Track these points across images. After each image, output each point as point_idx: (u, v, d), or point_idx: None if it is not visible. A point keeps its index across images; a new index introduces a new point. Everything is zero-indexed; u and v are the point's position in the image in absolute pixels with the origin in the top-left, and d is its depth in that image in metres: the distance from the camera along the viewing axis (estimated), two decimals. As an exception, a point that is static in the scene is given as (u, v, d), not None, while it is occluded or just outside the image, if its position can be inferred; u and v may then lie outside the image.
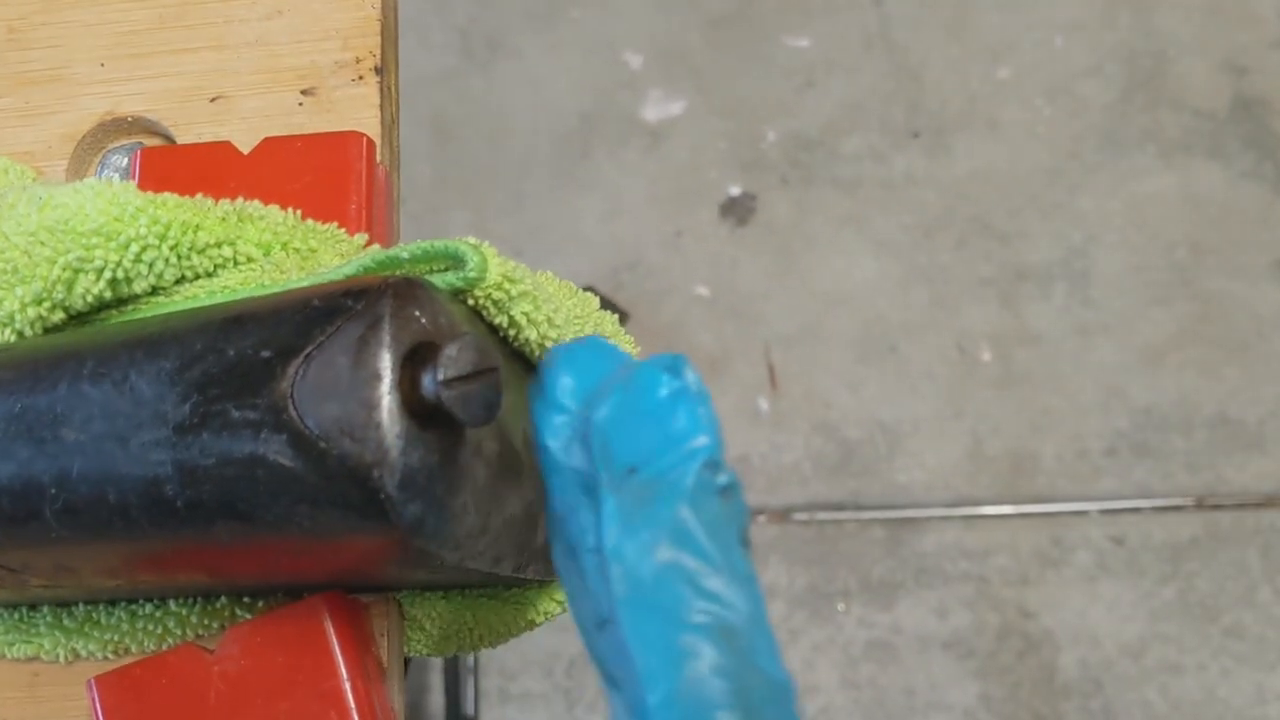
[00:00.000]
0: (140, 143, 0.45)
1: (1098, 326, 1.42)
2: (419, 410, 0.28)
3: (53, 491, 0.31)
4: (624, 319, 1.41)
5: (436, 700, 1.34)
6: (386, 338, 0.28)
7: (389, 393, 0.28)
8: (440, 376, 0.28)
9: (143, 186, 0.40)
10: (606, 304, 0.39)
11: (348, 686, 0.34)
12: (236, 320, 0.31)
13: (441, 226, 1.51)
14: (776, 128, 1.52)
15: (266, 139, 0.41)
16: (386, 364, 0.28)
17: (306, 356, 0.29)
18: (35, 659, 0.40)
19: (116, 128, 0.45)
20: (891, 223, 1.47)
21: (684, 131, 1.53)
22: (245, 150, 0.41)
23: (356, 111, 0.43)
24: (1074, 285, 1.43)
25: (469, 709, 1.31)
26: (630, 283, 1.46)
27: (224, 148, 0.40)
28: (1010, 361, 1.41)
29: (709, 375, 1.43)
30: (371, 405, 0.28)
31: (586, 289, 0.38)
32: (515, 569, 0.34)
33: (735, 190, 1.50)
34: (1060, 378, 1.40)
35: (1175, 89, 1.50)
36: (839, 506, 1.38)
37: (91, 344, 0.33)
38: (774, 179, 1.50)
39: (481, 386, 0.29)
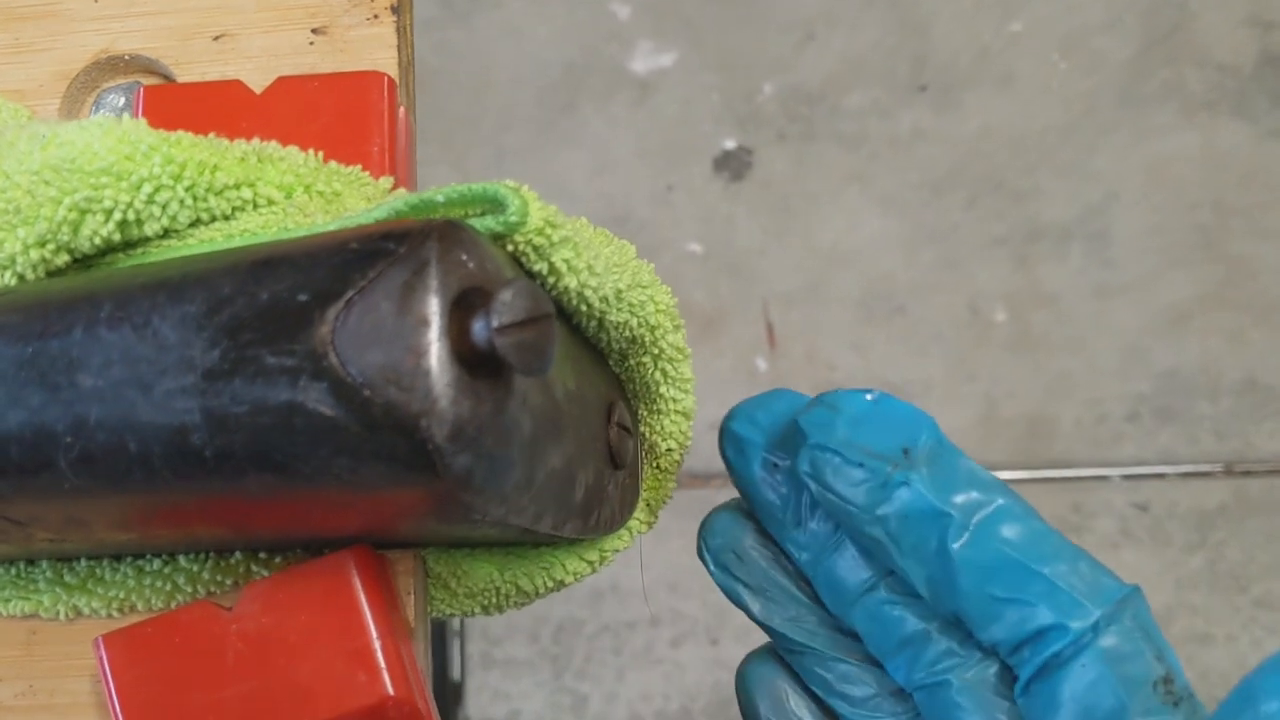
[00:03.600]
0: (138, 82, 0.45)
1: (1117, 288, 1.42)
2: (469, 358, 0.28)
3: (68, 440, 0.31)
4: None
5: (421, 665, 1.34)
6: (434, 282, 0.28)
7: (438, 339, 0.28)
8: (495, 323, 0.28)
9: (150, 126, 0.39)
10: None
11: (378, 645, 0.34)
12: (267, 263, 0.30)
13: (422, 180, 1.50)
14: (774, 82, 1.51)
15: (281, 78, 0.40)
16: (435, 309, 0.28)
17: (348, 302, 0.28)
18: (34, 616, 0.40)
19: (112, 66, 0.45)
20: (898, 180, 1.46)
21: (675, 84, 1.52)
22: (257, 90, 0.40)
23: (372, 52, 0.43)
24: (1091, 246, 1.43)
25: (455, 674, 1.31)
26: (620, 238, 1.45)
27: (235, 86, 0.40)
28: (1025, 323, 1.41)
29: (704, 333, 1.43)
30: (419, 352, 0.28)
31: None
32: (554, 526, 0.34)
33: (730, 144, 1.50)
34: (1078, 340, 1.40)
35: (1198, 44, 1.50)
36: (843, 470, 1.37)
37: (106, 287, 0.32)
38: (771, 134, 1.50)
39: (536, 333, 0.28)
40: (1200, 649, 1.31)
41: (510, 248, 0.33)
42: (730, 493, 0.39)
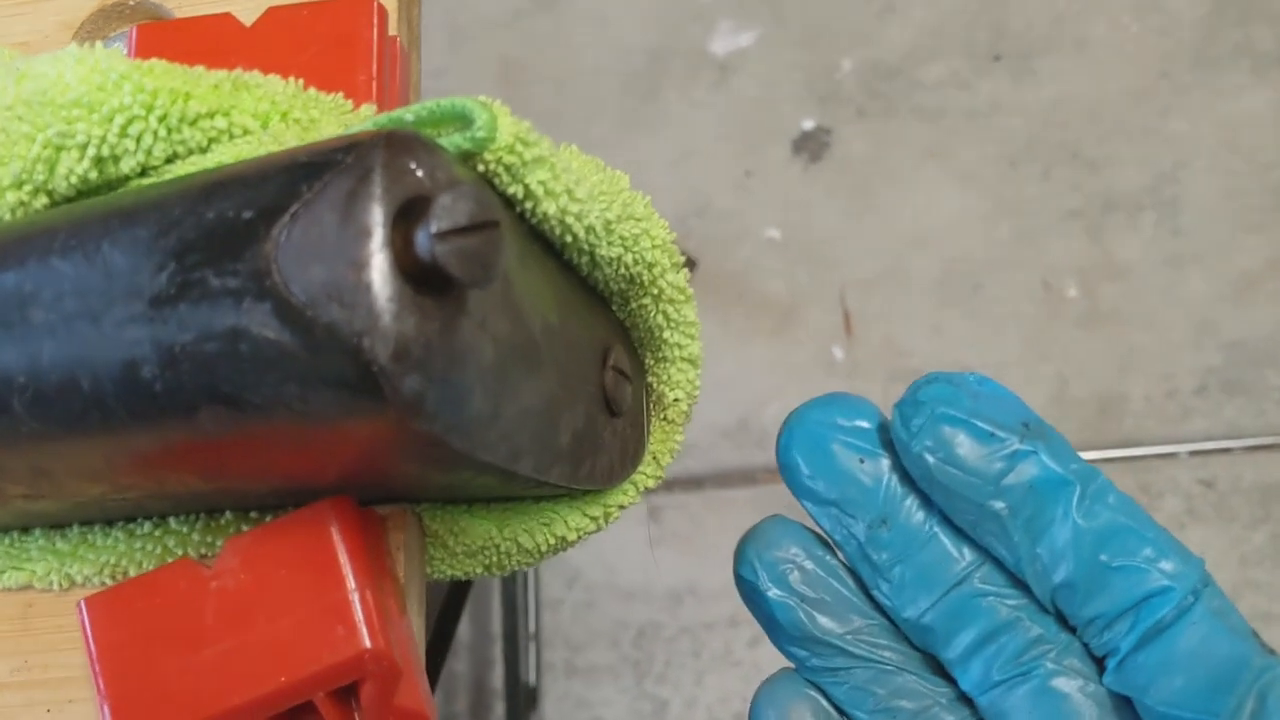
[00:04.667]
0: (143, 28, 0.44)
1: (1188, 256, 1.39)
2: (414, 272, 0.26)
3: (21, 381, 0.30)
4: (693, 266, 1.40)
5: (499, 676, 1.34)
6: (377, 190, 0.26)
7: (379, 250, 0.26)
8: (433, 229, 0.26)
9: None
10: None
11: (355, 599, 0.33)
12: (219, 183, 0.29)
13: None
14: (853, 56, 1.49)
15: (271, 9, 0.39)
16: (377, 219, 0.26)
17: (292, 215, 0.27)
18: (29, 587, 0.39)
19: (117, 13, 0.44)
20: (976, 154, 1.44)
21: (754, 64, 1.51)
22: (248, 22, 0.39)
23: (371, -19, 0.41)
24: (1163, 214, 1.41)
25: (529, 678, 1.30)
26: (699, 229, 1.44)
27: (225, 20, 0.39)
28: (1097, 298, 1.38)
29: (780, 324, 1.41)
30: (360, 265, 0.26)
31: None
32: (536, 469, 0.32)
33: (809, 124, 1.48)
34: (1149, 313, 1.38)
35: (1268, 1, 1.46)
36: (921, 458, 1.35)
37: (65, 217, 0.31)
38: (850, 111, 1.48)
39: (480, 241, 0.26)
40: (1265, 627, 1.26)
41: (481, 168, 0.31)
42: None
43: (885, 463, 0.34)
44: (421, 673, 0.35)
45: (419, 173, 0.27)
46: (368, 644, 0.32)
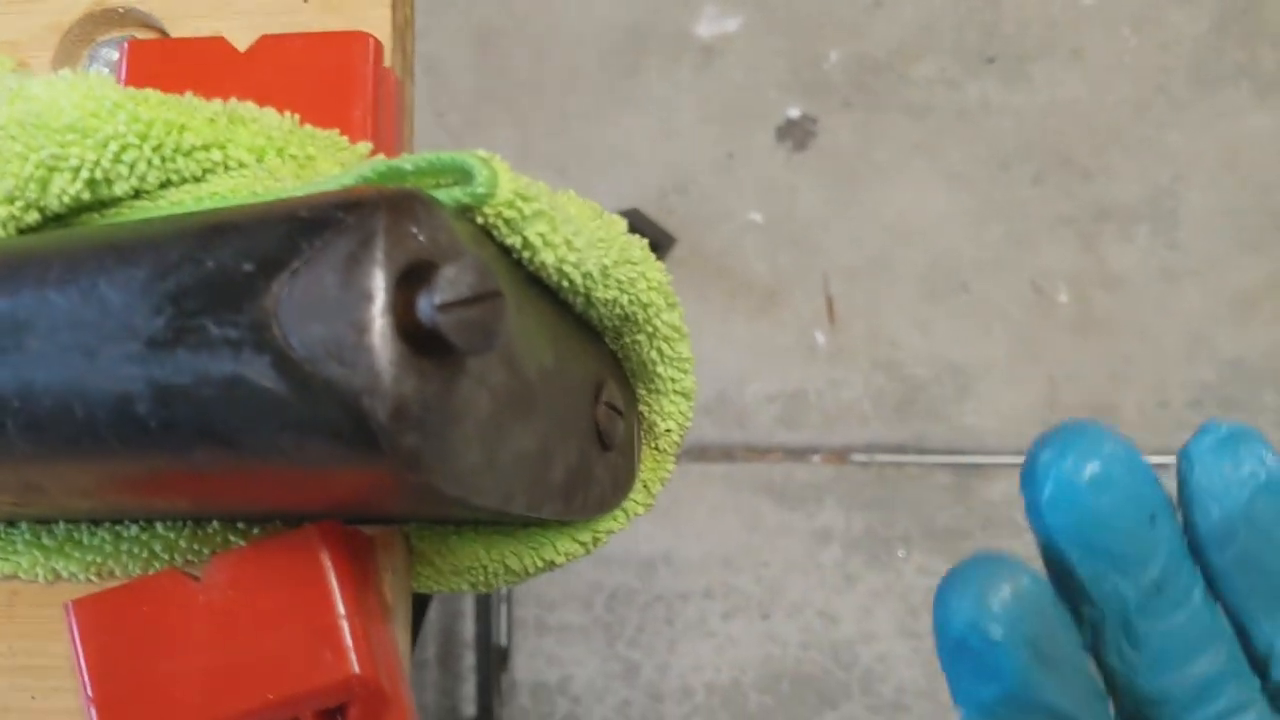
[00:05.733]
0: (133, 35, 0.44)
1: (1184, 271, 1.39)
2: (415, 335, 0.27)
3: (15, 404, 0.30)
4: (672, 244, 1.40)
5: (469, 627, 1.35)
6: (379, 255, 0.27)
7: (381, 315, 0.27)
8: (437, 300, 0.27)
9: (130, 82, 0.39)
10: (654, 227, 0.37)
11: (345, 624, 0.33)
12: (217, 229, 0.29)
13: (483, 142, 1.49)
14: (840, 48, 1.49)
15: (265, 36, 0.39)
16: (379, 283, 0.27)
17: (293, 272, 0.27)
18: (14, 577, 0.40)
19: (106, 19, 0.44)
20: (965, 153, 1.44)
21: (740, 49, 1.51)
22: (241, 48, 0.39)
23: (366, 12, 0.42)
24: (1159, 227, 1.41)
25: (501, 639, 1.31)
26: (680, 206, 1.45)
27: (218, 44, 0.39)
28: (1089, 305, 1.39)
29: (763, 305, 1.42)
30: (362, 328, 0.27)
31: (632, 211, 0.37)
32: (528, 507, 0.33)
33: (794, 112, 1.48)
34: (1143, 324, 1.38)
35: (1274, 22, 1.47)
36: (901, 449, 1.37)
37: (59, 247, 0.31)
38: (836, 102, 1.48)
39: (482, 312, 0.27)
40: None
41: (480, 220, 0.32)
42: (786, 468, 0.37)
43: (1176, 523, 0.31)
44: (408, 694, 0.36)
45: (420, 237, 0.28)
46: (356, 669, 0.33)
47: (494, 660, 1.29)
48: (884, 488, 1.36)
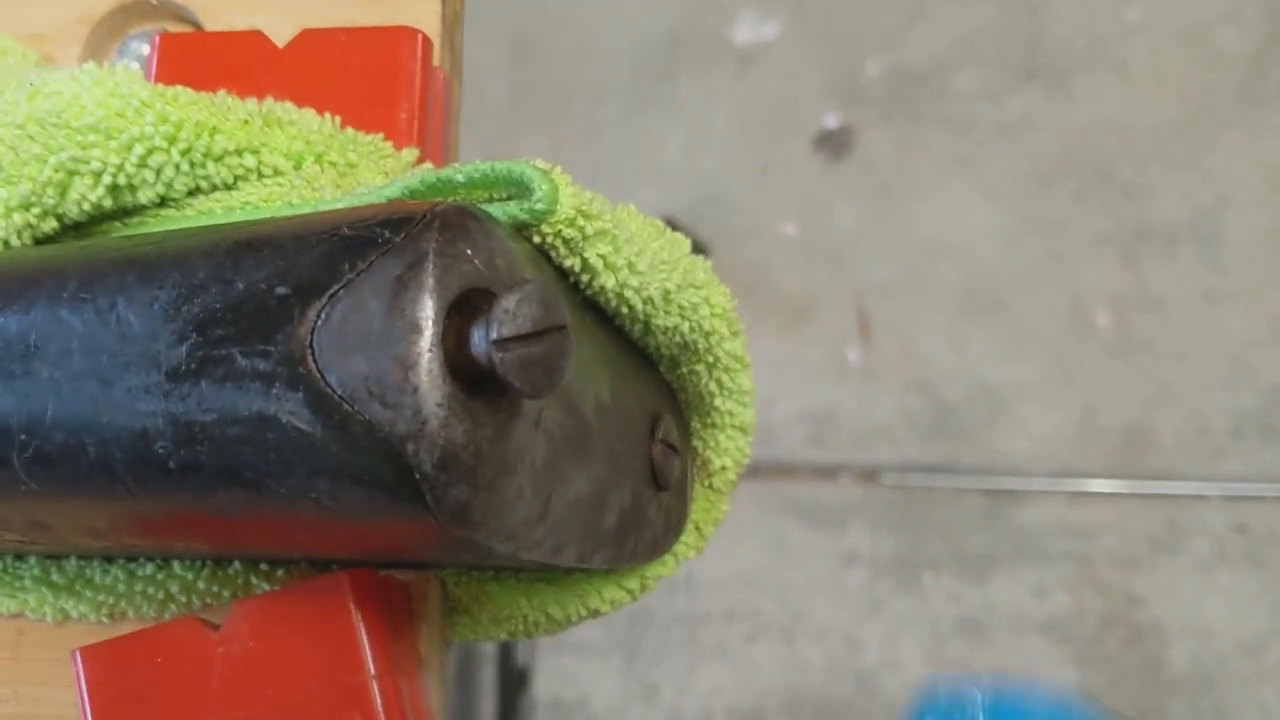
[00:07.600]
0: (165, 29, 0.41)
1: (1226, 294, 1.36)
2: (466, 373, 0.24)
3: (22, 438, 0.27)
4: (703, 254, 1.37)
5: (488, 645, 1.32)
6: (429, 280, 0.24)
7: (430, 349, 0.23)
8: (494, 335, 0.23)
9: (160, 77, 0.36)
10: (686, 237, 0.34)
11: (375, 685, 0.30)
12: (249, 245, 0.26)
13: (514, 151, 1.48)
14: (879, 59, 1.46)
15: (305, 30, 0.36)
16: (428, 313, 0.24)
17: (331, 297, 0.24)
18: (20, 616, 0.37)
19: (138, 11, 0.42)
20: (1004, 168, 1.41)
21: (777, 57, 1.48)
22: (280, 43, 0.36)
23: (413, 5, 0.39)
24: (1202, 248, 1.37)
25: (520, 657, 1.29)
26: (712, 218, 1.42)
27: (255, 38, 0.36)
28: (1128, 327, 1.35)
29: (794, 321, 1.39)
30: (408, 364, 0.23)
31: (665, 220, 0.34)
32: (579, 558, 0.30)
33: (831, 123, 1.45)
34: (1183, 348, 1.35)
35: (1321, 41, 1.43)
36: (932, 470, 1.33)
37: (77, 261, 0.28)
38: (875, 113, 1.45)
39: (545, 349, 0.24)
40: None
41: (538, 239, 0.29)
42: (813, 487, 0.34)
43: None
44: (440, 758, 0.33)
45: (476, 260, 0.25)
46: (386, 736, 0.30)
47: (513, 679, 1.27)
48: (913, 510, 1.32)
